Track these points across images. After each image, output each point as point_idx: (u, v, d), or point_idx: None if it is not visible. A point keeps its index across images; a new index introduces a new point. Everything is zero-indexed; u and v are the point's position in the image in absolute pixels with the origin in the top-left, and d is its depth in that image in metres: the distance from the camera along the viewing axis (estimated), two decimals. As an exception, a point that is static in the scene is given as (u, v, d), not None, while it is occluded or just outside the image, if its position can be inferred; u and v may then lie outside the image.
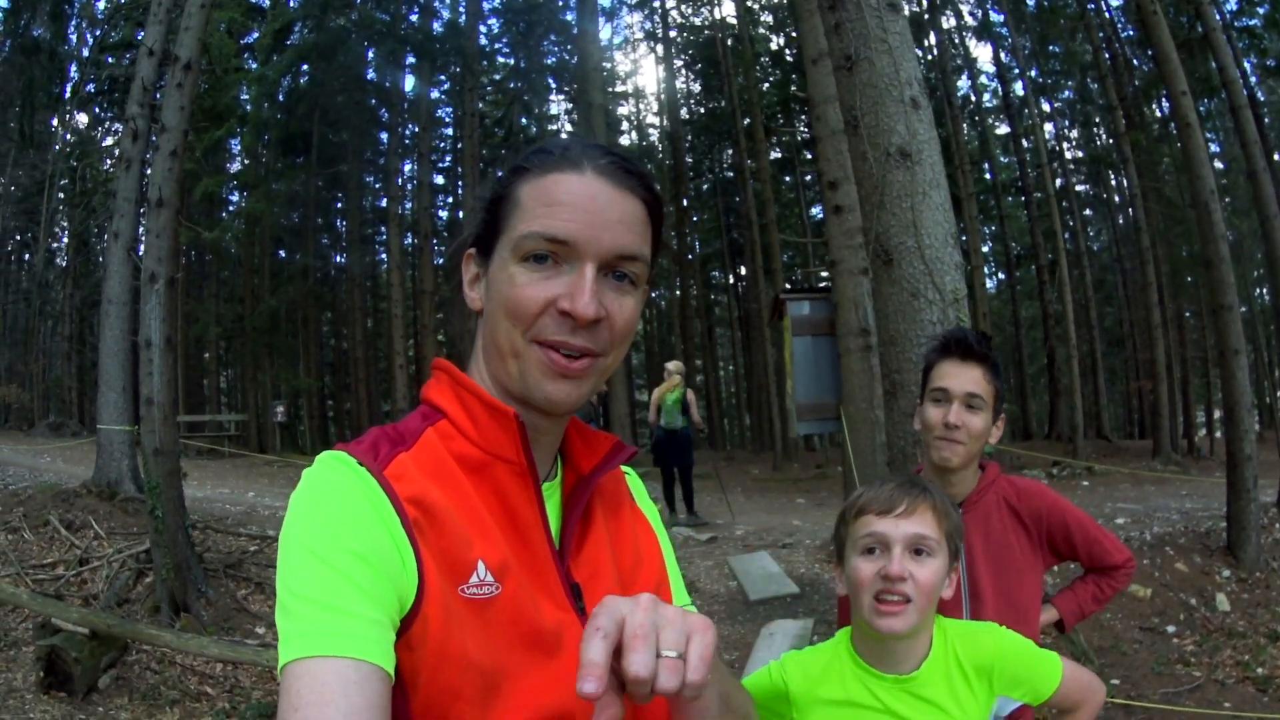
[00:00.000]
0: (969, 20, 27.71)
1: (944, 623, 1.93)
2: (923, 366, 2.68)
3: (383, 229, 30.23)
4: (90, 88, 26.28)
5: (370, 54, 25.16)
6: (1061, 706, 1.95)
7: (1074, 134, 29.80)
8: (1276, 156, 16.45)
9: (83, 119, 27.98)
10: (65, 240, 28.93)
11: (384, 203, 28.74)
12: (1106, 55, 23.05)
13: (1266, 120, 20.12)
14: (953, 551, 1.84)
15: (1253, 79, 20.54)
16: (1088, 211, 31.36)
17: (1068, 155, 29.04)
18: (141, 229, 9.89)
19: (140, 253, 9.30)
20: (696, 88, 34.83)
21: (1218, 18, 13.97)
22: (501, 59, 29.76)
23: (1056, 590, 2.90)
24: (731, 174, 32.99)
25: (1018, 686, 1.89)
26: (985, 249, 30.13)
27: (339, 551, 0.97)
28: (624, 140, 35.32)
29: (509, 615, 1.05)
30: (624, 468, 1.37)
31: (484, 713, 1.01)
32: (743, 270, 34.24)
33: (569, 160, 1.13)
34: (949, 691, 1.83)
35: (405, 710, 1.01)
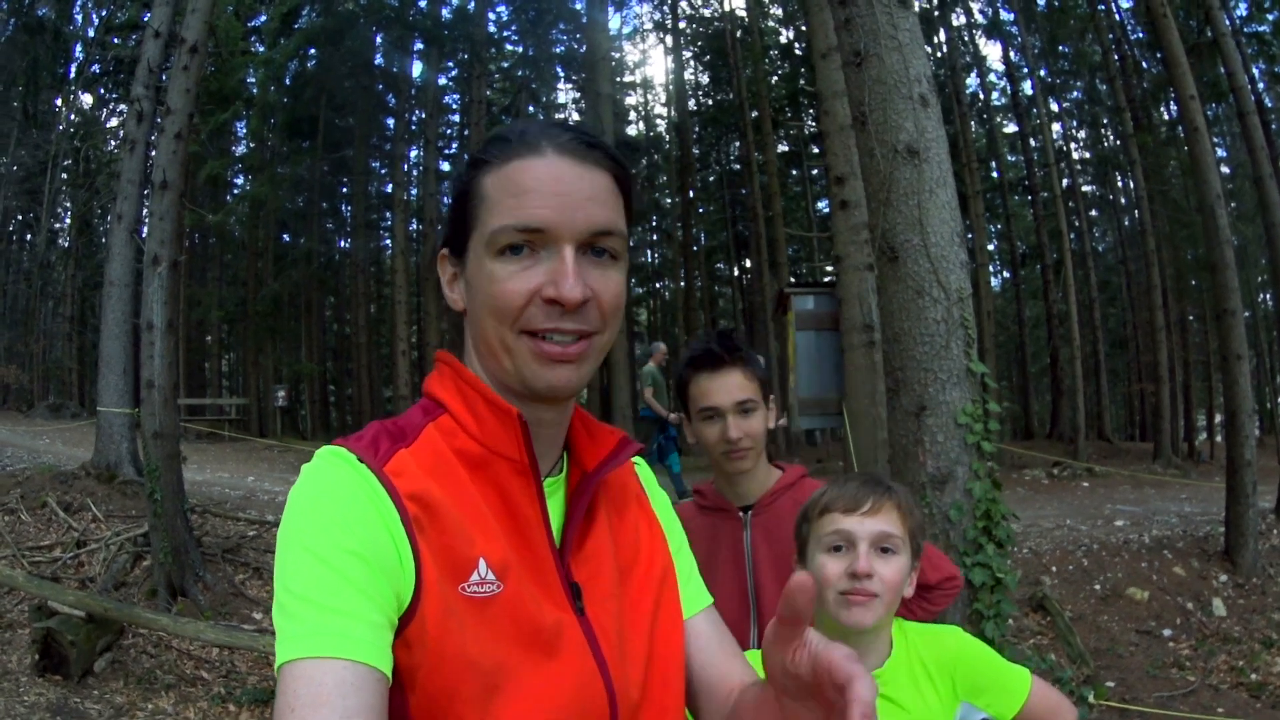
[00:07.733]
0: (979, 18, 27.61)
1: (903, 624, 1.94)
2: (677, 380, 2.47)
3: (388, 215, 30.26)
4: (95, 68, 26.19)
5: (378, 39, 25.16)
6: None
7: (1082, 134, 29.76)
8: (1284, 161, 16.39)
9: (87, 100, 27.93)
10: (68, 221, 28.90)
11: (389, 188, 28.72)
12: (1116, 57, 22.96)
13: (1274, 126, 20.04)
14: (915, 550, 1.86)
15: (1261, 85, 20.51)
16: (1094, 212, 31.28)
17: (1075, 155, 28.92)
18: (145, 211, 9.90)
19: (143, 235, 9.30)
20: (705, 79, 34.63)
21: (1227, 23, 13.92)
22: (510, 46, 29.53)
23: None
24: (738, 166, 32.80)
25: (981, 694, 1.88)
26: (991, 247, 29.99)
27: (337, 551, 0.96)
28: (631, 130, 35.16)
29: (510, 614, 1.04)
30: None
31: (483, 712, 1.00)
32: (748, 263, 34.10)
33: (527, 144, 1.11)
34: (914, 691, 1.83)
35: (404, 710, 1.00)
